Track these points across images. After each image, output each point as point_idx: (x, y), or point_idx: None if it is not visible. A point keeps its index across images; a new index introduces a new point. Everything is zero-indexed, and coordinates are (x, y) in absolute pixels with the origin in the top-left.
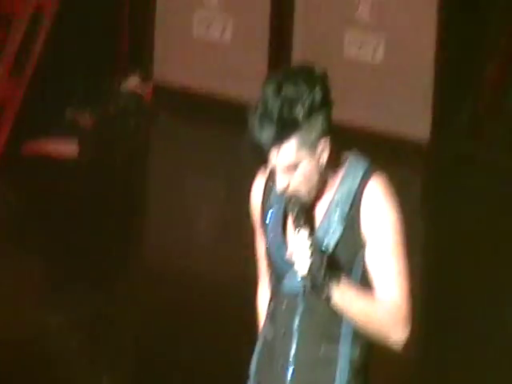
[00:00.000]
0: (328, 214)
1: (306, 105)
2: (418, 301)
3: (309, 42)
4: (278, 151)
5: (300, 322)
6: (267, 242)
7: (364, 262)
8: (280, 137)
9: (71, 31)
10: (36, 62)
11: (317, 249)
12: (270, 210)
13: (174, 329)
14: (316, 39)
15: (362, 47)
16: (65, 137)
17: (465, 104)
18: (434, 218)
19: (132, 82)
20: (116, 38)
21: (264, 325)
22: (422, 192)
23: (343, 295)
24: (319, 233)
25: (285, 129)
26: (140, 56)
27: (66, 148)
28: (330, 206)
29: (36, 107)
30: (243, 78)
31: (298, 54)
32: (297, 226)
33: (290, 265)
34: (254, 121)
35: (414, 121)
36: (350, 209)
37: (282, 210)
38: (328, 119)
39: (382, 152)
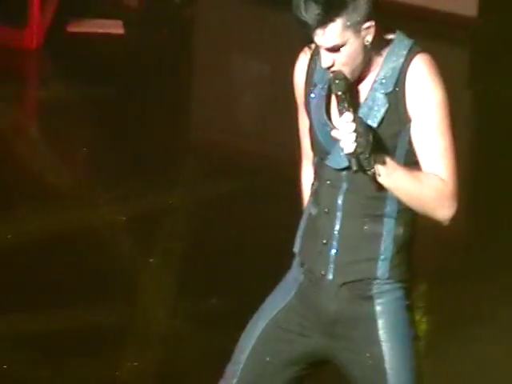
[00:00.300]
0: (372, 92)
1: None
2: (464, 179)
3: None
4: (323, 31)
5: (343, 200)
6: (311, 121)
7: (408, 141)
8: (325, 17)
9: None
10: None
11: (362, 126)
12: (313, 90)
13: (225, 211)
14: None
15: None
16: (110, 16)
17: None
18: (480, 97)
19: None
20: None
21: (308, 202)
22: (470, 70)
23: (389, 172)
24: (363, 110)
25: (331, 9)
26: None
27: (113, 27)
28: (373, 84)
29: None
30: None
31: None
32: (341, 104)
33: (335, 143)
34: (298, 1)
35: None
36: (395, 86)
37: (325, 90)
38: (373, 20)
39: (428, 28)
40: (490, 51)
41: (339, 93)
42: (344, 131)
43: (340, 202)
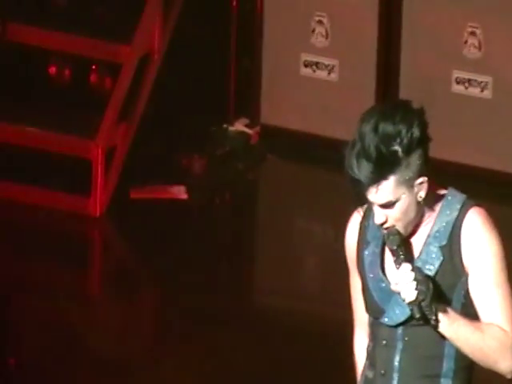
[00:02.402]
0: (426, 246)
1: (404, 142)
2: None
3: (416, 80)
4: (376, 189)
5: (400, 359)
6: (364, 280)
7: (464, 294)
8: (378, 175)
9: (177, 77)
10: (143, 107)
11: (421, 274)
12: (367, 248)
13: (284, 367)
14: (422, 77)
15: (470, 84)
16: (173, 181)
17: None
18: None
19: (239, 126)
20: (223, 82)
21: (364, 366)
22: None
23: (451, 320)
24: (418, 263)
25: (383, 167)
26: (247, 99)
27: (176, 192)
28: (427, 238)
29: (144, 152)
30: (350, 117)
31: (405, 93)
32: (398, 257)
33: (390, 300)
34: (351, 158)
35: None
36: (449, 240)
37: (379, 247)
38: (426, 156)
39: (487, 189)
40: None
41: (395, 247)
42: (404, 281)
43: (396, 363)
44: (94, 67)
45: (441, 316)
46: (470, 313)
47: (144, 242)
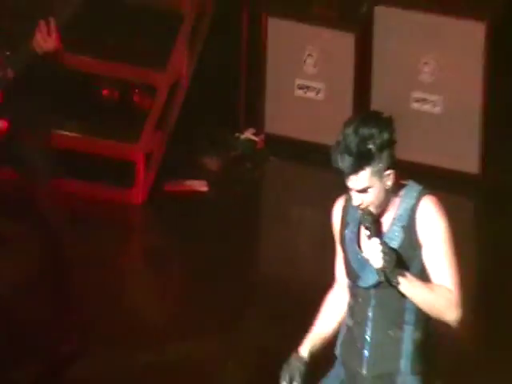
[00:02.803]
0: (391, 226)
1: (377, 142)
2: (469, 292)
3: (383, 98)
4: (355, 177)
5: (372, 312)
6: (345, 253)
7: (420, 262)
8: (357, 166)
9: (199, 95)
10: (174, 120)
11: (387, 247)
12: (347, 228)
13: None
14: (386, 95)
15: (425, 102)
16: (196, 177)
17: (506, 146)
18: (484, 238)
19: (248, 134)
20: (235, 100)
21: (346, 316)
22: (474, 216)
23: (409, 282)
24: (385, 239)
25: (361, 160)
26: (254, 113)
27: (199, 185)
28: (392, 220)
29: (174, 154)
30: (334, 127)
31: (375, 108)
32: (370, 233)
33: (365, 268)
34: (336, 154)
35: (466, 158)
36: (408, 222)
37: (356, 227)
38: (393, 153)
39: (439, 183)
40: (490, 203)
41: (367, 224)
42: (373, 252)
43: (370, 314)
44: (136, 90)
45: (401, 279)
46: (424, 277)
47: (174, 224)
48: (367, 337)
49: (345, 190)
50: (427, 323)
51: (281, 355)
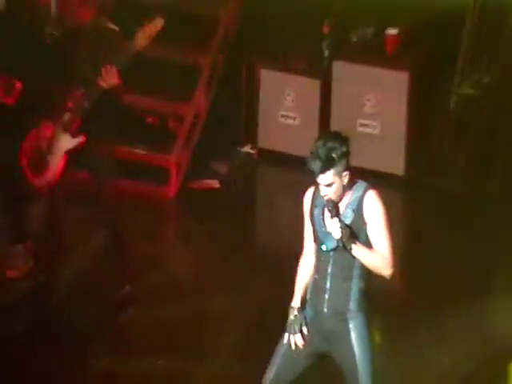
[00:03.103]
0: (346, 209)
1: (339, 153)
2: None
3: (339, 124)
4: (323, 176)
5: (331, 269)
6: (314, 226)
7: (365, 234)
8: (324, 169)
9: (214, 123)
10: (196, 138)
11: (343, 224)
12: (315, 209)
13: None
14: (341, 122)
15: (367, 127)
16: (211, 178)
17: (424, 153)
18: (408, 220)
19: (246, 148)
20: (239, 125)
21: (313, 272)
22: (401, 204)
23: (358, 248)
24: (342, 218)
25: (327, 165)
26: (251, 133)
27: (213, 184)
28: (346, 205)
29: (196, 162)
30: (306, 144)
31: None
32: (332, 214)
33: (327, 237)
34: (310, 160)
35: (395, 164)
36: (357, 206)
37: (322, 208)
38: (348, 161)
39: (376, 181)
40: (412, 195)
41: (330, 208)
42: (334, 227)
43: (329, 270)
44: (170, 118)
45: (353, 246)
46: (368, 245)
47: (196, 211)
48: (327, 286)
49: (313, 184)
50: (369, 276)
51: (275, 313)
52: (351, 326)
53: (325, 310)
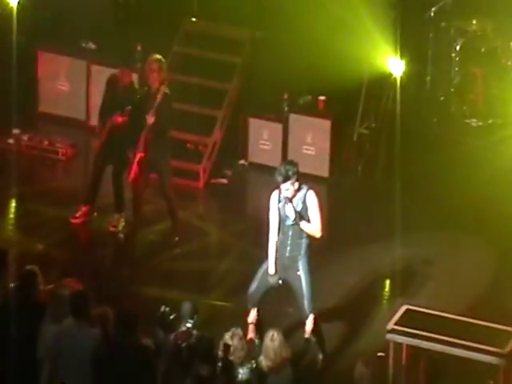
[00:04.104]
0: (297, 201)
1: (293, 171)
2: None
3: (293, 148)
4: (284, 184)
5: (291, 234)
6: (279, 211)
7: (308, 216)
8: (284, 180)
9: (223, 149)
10: (215, 156)
11: (296, 210)
12: (280, 203)
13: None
14: (294, 148)
15: (308, 150)
16: (222, 177)
17: (339, 164)
18: (333, 211)
19: (242, 161)
20: (237, 150)
21: (279, 236)
22: (327, 199)
23: (303, 223)
24: (295, 207)
25: (286, 178)
26: (245, 152)
27: (224, 181)
28: (297, 200)
29: (213, 170)
30: (276, 160)
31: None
32: (288, 205)
33: (287, 216)
34: (277, 174)
35: (321, 169)
36: (303, 199)
37: (283, 202)
38: (297, 175)
39: (314, 183)
40: (335, 193)
41: (288, 202)
42: (290, 211)
43: (289, 236)
44: (200, 144)
45: (301, 222)
46: (309, 221)
47: (215, 197)
48: (288, 242)
49: (278, 187)
50: (310, 237)
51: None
52: (300, 263)
53: (287, 254)
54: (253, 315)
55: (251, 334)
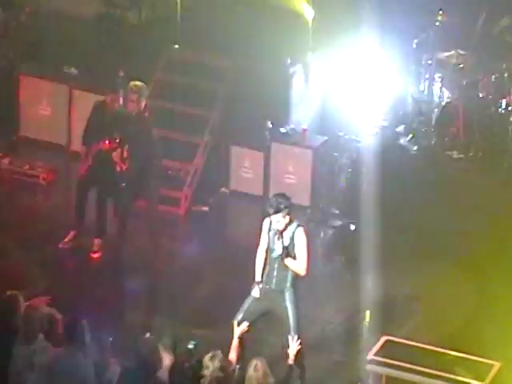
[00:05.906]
0: (286, 236)
1: (285, 205)
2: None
3: (274, 177)
4: (275, 216)
5: (276, 266)
6: (269, 240)
7: (294, 252)
8: (276, 212)
9: (206, 176)
10: (195, 183)
11: (284, 247)
12: (270, 233)
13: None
14: (276, 176)
15: (290, 179)
16: (204, 205)
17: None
18: (313, 241)
19: (224, 189)
20: (220, 178)
21: (266, 268)
22: (308, 224)
23: (290, 259)
24: (284, 243)
25: (278, 210)
26: (226, 180)
27: (205, 208)
28: (286, 235)
29: (197, 195)
30: (258, 187)
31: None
32: (278, 238)
33: (275, 249)
34: (268, 206)
35: (304, 199)
36: (292, 235)
37: (273, 234)
38: (289, 209)
39: (300, 214)
40: (316, 217)
41: (278, 234)
42: (278, 246)
43: (275, 271)
44: (182, 171)
45: (287, 259)
46: (295, 257)
47: (195, 222)
48: (274, 274)
49: (269, 216)
50: (295, 273)
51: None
52: (286, 294)
53: (273, 286)
54: (240, 329)
55: (233, 353)
